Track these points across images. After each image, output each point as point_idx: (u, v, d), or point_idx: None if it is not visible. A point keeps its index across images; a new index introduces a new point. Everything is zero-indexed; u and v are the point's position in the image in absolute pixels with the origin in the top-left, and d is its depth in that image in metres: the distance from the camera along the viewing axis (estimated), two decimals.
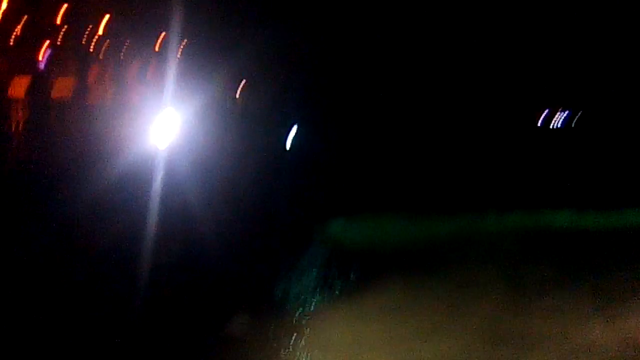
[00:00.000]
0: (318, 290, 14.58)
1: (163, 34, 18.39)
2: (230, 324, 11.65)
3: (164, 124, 16.54)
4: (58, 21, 18.17)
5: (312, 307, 13.10)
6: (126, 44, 18.82)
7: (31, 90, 15.74)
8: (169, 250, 12.44)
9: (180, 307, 11.46)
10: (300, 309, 12.76)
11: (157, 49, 19.87)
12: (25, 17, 16.57)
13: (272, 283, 14.54)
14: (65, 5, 17.19)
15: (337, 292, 14.30)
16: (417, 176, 28.72)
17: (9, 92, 17.86)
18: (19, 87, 17.53)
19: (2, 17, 16.81)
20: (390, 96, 33.98)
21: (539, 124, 45.31)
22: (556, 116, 47.19)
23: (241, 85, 26.21)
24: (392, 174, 27.88)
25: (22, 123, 13.83)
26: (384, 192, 25.89)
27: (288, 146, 24.54)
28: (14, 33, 17.82)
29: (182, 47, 20.35)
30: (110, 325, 10.15)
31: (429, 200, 25.38)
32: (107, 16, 18.36)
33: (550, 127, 46.10)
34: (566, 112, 47.38)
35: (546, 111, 46.19)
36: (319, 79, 29.87)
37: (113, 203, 13.11)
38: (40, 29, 16.93)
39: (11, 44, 18.14)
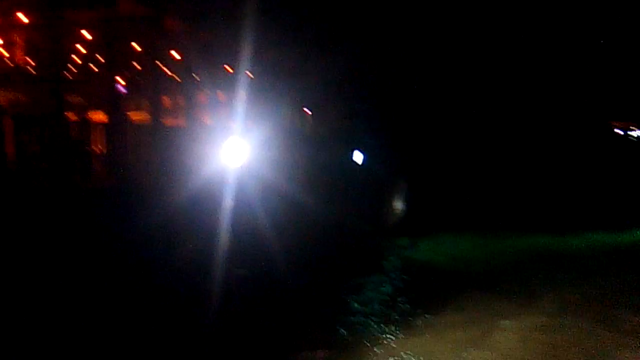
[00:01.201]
0: (391, 304, 14.47)
1: (235, 57, 19.07)
2: (302, 337, 11.68)
3: (235, 144, 17.04)
4: (137, 48, 19.15)
5: (389, 320, 13.04)
6: (200, 68, 19.58)
7: (112, 114, 16.61)
8: (240, 262, 12.78)
9: (249, 317, 11.67)
10: (375, 321, 12.75)
11: (229, 71, 20.60)
12: (105, 45, 17.58)
13: (343, 296, 14.58)
14: (143, 32, 18.09)
15: (409, 306, 14.20)
16: (487, 192, 28.20)
17: (92, 117, 18.93)
18: (101, 111, 18.57)
19: (86, 45, 17.92)
20: (460, 113, 33.76)
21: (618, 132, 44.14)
22: (630, 130, 45.75)
23: (308, 109, 26.76)
24: (462, 192, 27.52)
25: (105, 145, 14.61)
26: (451, 210, 25.55)
27: (358, 162, 24.76)
28: (96, 60, 18.98)
29: (252, 70, 21.02)
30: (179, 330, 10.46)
31: (501, 217, 24.81)
32: (181, 42, 19.21)
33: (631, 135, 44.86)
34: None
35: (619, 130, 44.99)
36: (385, 102, 30.07)
37: (186, 220, 13.61)
38: (119, 56, 17.85)
39: (95, 70, 19.32)
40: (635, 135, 44.77)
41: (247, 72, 20.46)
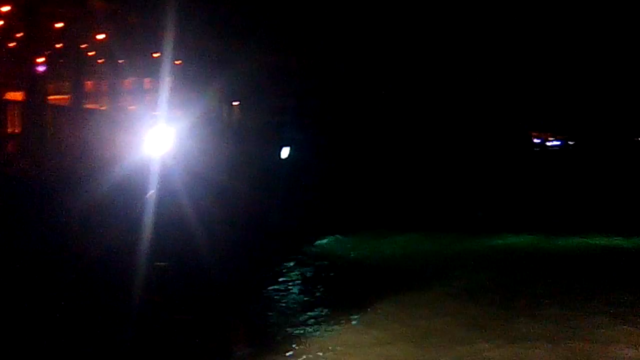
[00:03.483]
0: (309, 300, 14.51)
1: (161, 42, 18.49)
2: (224, 331, 11.55)
3: (159, 132, 16.55)
4: (58, 25, 18.14)
5: (305, 317, 13.05)
6: (125, 51, 18.83)
7: (29, 93, 15.70)
8: (163, 253, 12.39)
9: (173, 309, 11.41)
10: (294, 317, 12.71)
11: (155, 57, 19.92)
12: (25, 20, 16.54)
13: (264, 289, 14.43)
14: (66, 11, 17.21)
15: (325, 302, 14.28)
16: (414, 192, 28.79)
17: (7, 95, 17.82)
18: (16, 90, 17.49)
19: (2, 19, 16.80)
20: (386, 118, 34.27)
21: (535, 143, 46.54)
22: (549, 141, 48.07)
23: (236, 102, 26.33)
24: (387, 193, 27.95)
25: (18, 125, 13.78)
26: (375, 209, 25.86)
27: (283, 156, 24.64)
28: (14, 35, 17.84)
29: (180, 57, 20.40)
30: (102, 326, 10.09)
31: (427, 216, 25.37)
32: (107, 24, 18.38)
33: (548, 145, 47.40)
34: (559, 142, 48.13)
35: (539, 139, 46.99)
36: (313, 98, 30.05)
37: (106, 207, 13.06)
38: (39, 33, 16.86)
39: (10, 46, 18.14)
40: (552, 145, 46.94)
41: (174, 60, 19.88)
